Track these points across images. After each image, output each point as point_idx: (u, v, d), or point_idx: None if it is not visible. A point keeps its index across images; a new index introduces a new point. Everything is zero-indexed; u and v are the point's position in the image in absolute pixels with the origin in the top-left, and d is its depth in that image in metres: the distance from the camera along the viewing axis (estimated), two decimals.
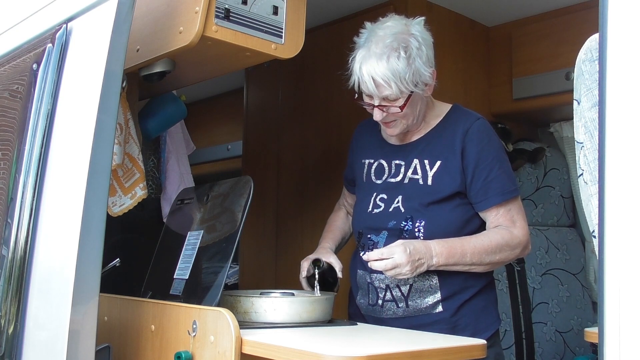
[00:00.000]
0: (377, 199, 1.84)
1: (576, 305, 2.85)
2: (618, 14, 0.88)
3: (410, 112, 1.76)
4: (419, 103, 1.79)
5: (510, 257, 1.77)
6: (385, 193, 1.83)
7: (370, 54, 1.71)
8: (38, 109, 1.44)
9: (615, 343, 0.83)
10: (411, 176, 1.81)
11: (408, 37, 1.73)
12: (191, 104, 3.11)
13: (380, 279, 1.77)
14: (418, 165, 1.81)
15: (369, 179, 1.90)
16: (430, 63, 1.76)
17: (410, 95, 1.72)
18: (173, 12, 1.59)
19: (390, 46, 1.69)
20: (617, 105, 0.87)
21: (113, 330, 1.59)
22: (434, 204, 1.76)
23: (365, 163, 1.93)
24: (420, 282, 1.75)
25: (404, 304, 1.76)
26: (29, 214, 1.38)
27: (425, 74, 1.73)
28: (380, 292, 1.79)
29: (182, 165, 2.79)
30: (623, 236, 0.84)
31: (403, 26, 1.76)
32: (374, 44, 1.72)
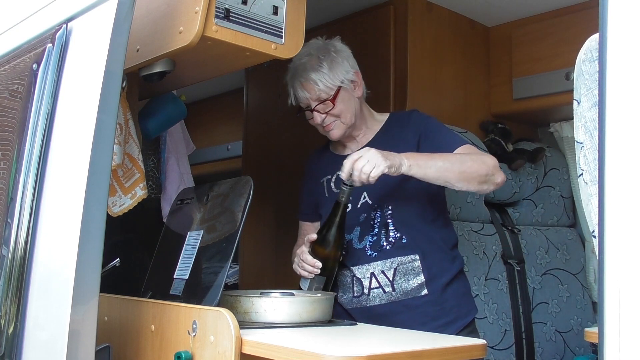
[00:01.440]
0: None
1: (576, 305, 2.85)
2: (618, 14, 0.88)
3: (344, 108, 1.95)
4: (351, 101, 1.97)
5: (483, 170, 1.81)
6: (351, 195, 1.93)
7: (296, 67, 1.96)
8: (38, 109, 1.44)
9: (615, 343, 0.83)
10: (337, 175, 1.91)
11: (324, 46, 1.98)
12: (191, 104, 3.12)
13: (363, 270, 1.91)
14: None
15: (330, 192, 2.03)
16: (352, 65, 1.98)
17: (338, 90, 1.93)
18: (173, 12, 1.59)
19: (309, 54, 1.94)
20: (617, 105, 0.87)
21: (113, 330, 1.59)
22: (397, 189, 1.90)
23: (324, 181, 2.07)
24: (403, 265, 1.88)
25: (390, 288, 1.88)
26: (29, 214, 1.38)
27: (348, 73, 1.95)
28: (364, 281, 1.91)
29: (182, 165, 2.79)
30: (623, 236, 0.84)
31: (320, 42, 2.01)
32: (297, 59, 1.94)
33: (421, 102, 2.57)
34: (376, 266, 1.89)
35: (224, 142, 3.92)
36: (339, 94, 1.93)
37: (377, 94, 2.57)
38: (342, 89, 1.94)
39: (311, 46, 1.96)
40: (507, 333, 2.59)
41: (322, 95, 1.92)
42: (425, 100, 2.60)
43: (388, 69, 2.56)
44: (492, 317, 2.52)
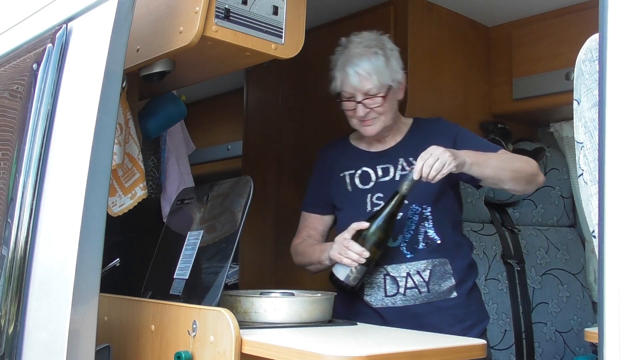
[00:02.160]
0: (374, 198, 1.96)
1: (576, 305, 2.85)
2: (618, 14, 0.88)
3: (389, 108, 1.94)
4: (395, 101, 1.98)
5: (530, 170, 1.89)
6: (381, 192, 1.95)
7: (352, 54, 1.93)
8: (38, 109, 1.44)
9: (615, 343, 0.83)
10: (401, 173, 1.96)
11: (380, 41, 1.97)
12: (191, 104, 3.11)
13: (399, 269, 1.90)
14: (404, 163, 1.97)
15: (354, 187, 2.01)
16: (401, 65, 1.98)
17: (389, 89, 1.92)
18: (173, 12, 1.59)
19: (368, 46, 1.93)
20: (617, 105, 0.87)
21: (113, 330, 1.59)
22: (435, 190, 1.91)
23: (345, 175, 2.03)
24: (437, 268, 1.90)
25: (425, 289, 1.90)
26: (29, 214, 1.38)
27: (399, 73, 1.96)
28: (400, 281, 1.90)
29: (182, 165, 2.79)
30: (623, 236, 0.84)
31: (375, 35, 2.00)
32: (353, 47, 1.94)
33: (421, 102, 2.57)
34: (412, 266, 1.90)
35: (224, 142, 3.91)
36: (389, 93, 1.93)
37: None
38: (392, 88, 1.94)
39: (366, 37, 1.96)
40: (507, 333, 2.59)
41: (373, 90, 1.90)
42: (425, 100, 2.60)
43: None
44: (492, 317, 2.52)
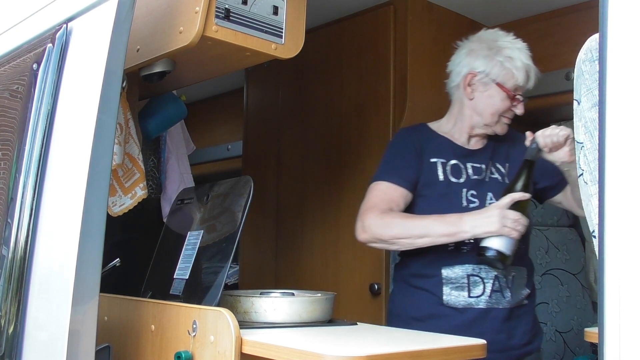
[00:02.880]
0: (468, 194, 1.93)
1: (576, 305, 2.85)
2: (618, 14, 0.88)
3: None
4: None
5: None
6: (474, 190, 1.94)
7: (522, 51, 1.96)
8: (38, 109, 1.44)
9: (615, 343, 0.83)
10: (491, 176, 1.98)
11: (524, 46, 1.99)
12: (191, 104, 3.11)
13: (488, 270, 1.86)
14: (493, 167, 2.00)
15: (446, 178, 1.95)
16: None
17: None
18: (173, 12, 1.59)
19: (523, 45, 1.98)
20: (617, 105, 0.87)
21: (113, 330, 1.59)
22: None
23: (437, 162, 1.97)
24: (518, 274, 1.92)
25: (509, 293, 1.89)
26: (29, 214, 1.38)
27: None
28: (487, 283, 1.87)
29: (182, 165, 2.79)
30: (623, 236, 0.84)
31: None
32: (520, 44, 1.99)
33: (421, 102, 2.57)
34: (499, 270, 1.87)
35: (224, 142, 3.92)
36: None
37: (377, 94, 2.58)
38: None
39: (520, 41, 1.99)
40: None
41: (522, 91, 1.97)
42: (425, 100, 2.60)
43: (388, 69, 2.56)
44: None
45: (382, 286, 2.41)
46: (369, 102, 2.61)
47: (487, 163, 2.00)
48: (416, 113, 2.55)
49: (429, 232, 1.81)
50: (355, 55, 2.69)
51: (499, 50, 1.95)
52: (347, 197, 2.60)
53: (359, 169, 2.58)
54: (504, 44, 1.96)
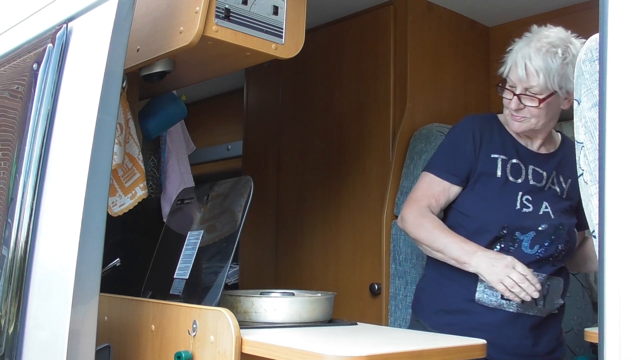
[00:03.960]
0: (524, 199, 1.90)
1: (576, 305, 2.84)
2: (618, 14, 0.88)
3: (544, 113, 1.86)
4: (553, 109, 1.88)
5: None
6: (530, 195, 1.90)
7: (531, 46, 1.84)
8: (38, 109, 1.44)
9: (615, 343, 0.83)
10: (551, 186, 1.94)
11: (569, 44, 1.84)
12: (191, 104, 3.11)
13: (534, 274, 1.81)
14: (555, 178, 1.96)
15: (504, 176, 1.91)
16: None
17: (551, 94, 1.82)
18: (173, 12, 1.59)
19: (551, 44, 1.82)
20: (617, 105, 0.87)
21: (113, 330, 1.59)
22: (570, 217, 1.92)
23: (497, 158, 1.93)
24: (554, 284, 1.90)
25: (542, 301, 1.88)
26: (29, 214, 1.38)
27: (571, 83, 1.78)
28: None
29: (182, 165, 2.79)
30: (623, 236, 0.84)
31: (568, 35, 1.87)
32: (536, 40, 1.84)
33: (421, 102, 2.57)
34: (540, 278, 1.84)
35: (224, 142, 3.92)
36: (549, 98, 1.83)
37: (377, 94, 2.58)
38: (555, 95, 1.84)
39: (554, 34, 1.85)
40: None
41: (535, 89, 1.82)
42: (425, 100, 2.60)
43: (388, 69, 2.55)
44: None
45: (382, 286, 2.40)
46: (369, 102, 2.61)
47: (549, 171, 1.95)
48: (416, 113, 2.54)
49: (444, 251, 1.85)
50: (355, 55, 2.69)
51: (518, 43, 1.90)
52: (347, 197, 2.60)
53: (359, 169, 2.58)
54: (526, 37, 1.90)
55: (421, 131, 2.49)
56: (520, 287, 1.73)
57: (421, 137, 2.47)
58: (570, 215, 1.93)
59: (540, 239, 1.86)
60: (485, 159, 1.92)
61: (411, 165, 2.45)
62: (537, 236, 1.86)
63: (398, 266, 2.39)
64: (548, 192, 1.93)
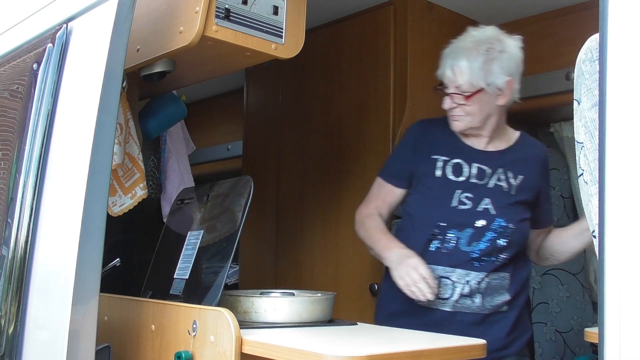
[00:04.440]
0: (462, 196, 1.92)
1: (576, 305, 2.85)
2: (618, 14, 0.88)
3: (477, 110, 1.91)
4: (488, 106, 1.92)
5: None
6: (470, 192, 1.92)
7: (457, 47, 1.94)
8: (38, 109, 1.44)
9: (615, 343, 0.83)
10: (497, 182, 1.95)
11: (496, 41, 1.92)
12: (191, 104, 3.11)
13: (462, 274, 1.87)
14: (502, 174, 1.96)
15: (444, 176, 1.96)
16: (508, 72, 1.90)
17: (479, 91, 1.89)
18: (173, 12, 1.59)
19: (476, 42, 1.91)
20: (617, 105, 0.87)
21: (113, 330, 1.59)
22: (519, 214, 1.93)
23: (438, 159, 1.98)
24: (495, 281, 1.90)
25: (479, 300, 1.88)
26: (29, 214, 1.38)
27: (499, 78, 1.88)
28: (457, 287, 1.88)
29: (182, 165, 2.79)
30: (623, 236, 0.84)
31: (497, 34, 1.95)
32: (463, 40, 1.94)
33: (421, 102, 2.57)
34: (473, 276, 1.87)
35: (224, 142, 3.92)
36: (477, 94, 1.89)
37: (377, 94, 2.58)
38: (484, 91, 1.89)
39: (484, 34, 1.94)
40: None
41: (463, 87, 1.89)
42: (425, 100, 2.60)
43: (388, 69, 2.56)
44: None
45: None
46: (369, 102, 2.61)
47: (495, 168, 1.96)
48: (416, 113, 2.54)
49: (373, 247, 1.98)
50: (355, 55, 2.69)
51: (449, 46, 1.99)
52: (347, 197, 2.60)
53: (359, 168, 2.58)
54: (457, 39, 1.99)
55: None
56: (417, 286, 1.77)
57: None
58: (518, 211, 1.92)
59: (478, 235, 1.88)
60: (426, 161, 1.98)
61: None
62: (476, 233, 1.88)
63: None
64: (493, 188, 1.93)
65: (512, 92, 1.93)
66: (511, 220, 1.90)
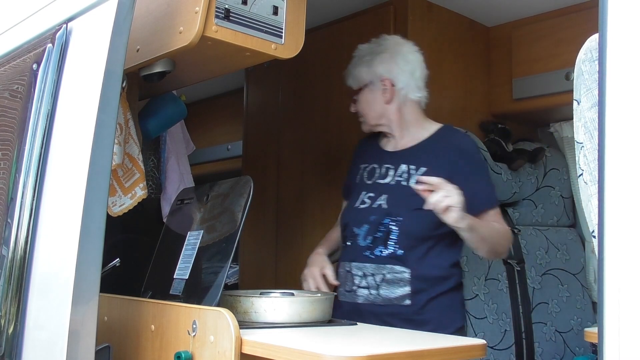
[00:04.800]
0: (365, 196, 2.07)
1: (576, 305, 2.85)
2: (618, 14, 0.88)
3: (366, 108, 2.10)
4: (374, 103, 2.08)
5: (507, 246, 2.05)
6: (373, 192, 2.06)
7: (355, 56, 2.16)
8: (38, 109, 1.44)
9: (615, 343, 0.83)
10: (397, 179, 2.04)
11: (381, 42, 2.11)
12: (191, 104, 3.11)
13: (359, 267, 2.00)
14: (406, 170, 2.04)
15: (361, 180, 2.13)
16: (387, 72, 2.06)
17: (361, 88, 2.09)
18: (173, 12, 1.59)
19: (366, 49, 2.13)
20: (617, 105, 0.87)
21: (113, 330, 1.59)
22: (414, 204, 1.91)
23: (361, 167, 2.16)
24: (392, 274, 1.95)
25: (375, 292, 1.97)
26: (29, 214, 1.38)
27: (376, 76, 2.06)
28: (356, 279, 2.00)
29: (182, 165, 2.79)
30: (623, 236, 0.84)
31: (387, 40, 2.13)
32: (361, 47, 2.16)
33: None
34: (369, 268, 1.98)
35: (224, 142, 3.92)
36: (360, 92, 2.10)
37: None
38: (367, 89, 2.08)
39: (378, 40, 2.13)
40: (507, 333, 2.59)
41: (352, 84, 2.11)
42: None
43: None
44: (492, 317, 2.52)
45: None
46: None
47: (398, 165, 2.05)
48: None
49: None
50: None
51: None
52: None
53: None
54: None
55: None
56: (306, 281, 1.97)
57: None
58: (413, 201, 1.91)
59: (372, 230, 2.00)
60: (355, 172, 2.18)
61: None
62: (370, 228, 2.00)
63: None
64: (393, 185, 2.04)
65: (393, 90, 2.05)
66: (402, 212, 1.96)
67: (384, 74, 2.05)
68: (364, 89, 2.08)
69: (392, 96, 2.06)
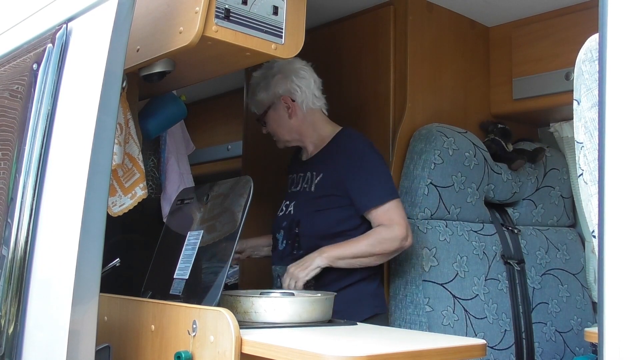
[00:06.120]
0: (284, 204, 2.28)
1: (576, 305, 2.85)
2: (618, 14, 0.88)
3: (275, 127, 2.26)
4: (280, 121, 2.24)
5: (392, 248, 2.09)
6: (288, 200, 2.27)
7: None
8: (38, 109, 1.44)
9: (615, 343, 0.83)
10: (304, 185, 2.23)
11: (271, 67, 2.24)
12: (191, 104, 3.11)
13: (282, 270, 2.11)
14: (309, 177, 2.23)
15: (287, 190, 2.33)
16: (285, 91, 2.21)
17: (266, 111, 2.24)
18: (173, 12, 1.59)
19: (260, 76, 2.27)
20: (617, 105, 0.87)
21: (113, 330, 1.59)
22: (313, 207, 2.15)
23: (289, 178, 2.36)
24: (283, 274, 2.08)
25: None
26: (29, 214, 1.38)
27: (275, 96, 2.21)
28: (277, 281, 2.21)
29: (182, 165, 2.79)
30: (623, 236, 0.84)
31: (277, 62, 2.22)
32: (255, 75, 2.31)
33: (421, 102, 2.57)
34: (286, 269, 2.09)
35: (224, 142, 3.91)
36: (266, 115, 2.26)
37: (377, 94, 2.58)
38: (271, 110, 2.24)
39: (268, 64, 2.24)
40: (507, 333, 2.59)
41: (257, 111, 2.28)
42: (425, 100, 2.60)
43: (388, 69, 2.56)
44: (492, 317, 2.52)
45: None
46: (369, 102, 2.61)
47: (305, 173, 2.25)
48: (416, 113, 2.55)
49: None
50: (355, 55, 2.69)
51: None
52: None
53: None
54: None
55: (421, 131, 2.50)
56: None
57: (421, 137, 2.47)
58: (313, 205, 2.15)
59: (286, 235, 2.20)
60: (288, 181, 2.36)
61: (411, 165, 2.45)
62: (284, 232, 2.21)
63: (398, 266, 2.39)
64: (300, 192, 2.24)
65: (296, 106, 2.21)
66: (303, 215, 2.16)
67: (282, 93, 2.20)
68: (268, 111, 2.24)
69: (294, 110, 2.22)
